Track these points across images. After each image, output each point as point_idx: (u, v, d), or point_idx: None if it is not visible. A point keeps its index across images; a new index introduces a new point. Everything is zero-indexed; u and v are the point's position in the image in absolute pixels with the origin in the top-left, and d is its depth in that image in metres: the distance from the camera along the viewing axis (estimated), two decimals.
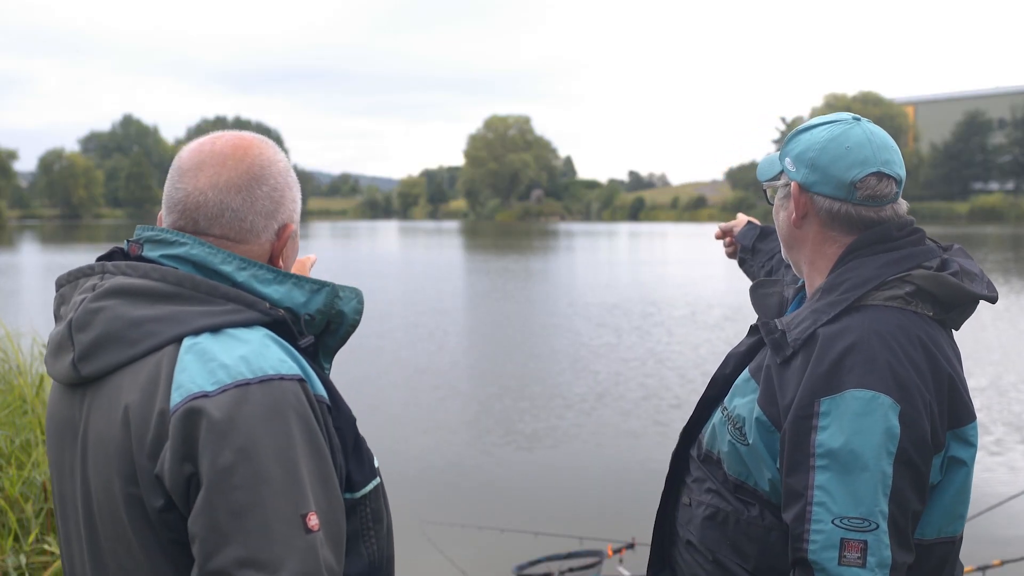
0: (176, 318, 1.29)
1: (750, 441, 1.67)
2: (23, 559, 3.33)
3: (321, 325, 1.42)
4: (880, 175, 1.68)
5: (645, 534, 4.90)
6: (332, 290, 1.41)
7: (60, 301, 1.42)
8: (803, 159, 1.73)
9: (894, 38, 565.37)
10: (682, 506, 1.86)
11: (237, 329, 1.30)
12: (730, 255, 2.57)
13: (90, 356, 1.31)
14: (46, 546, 3.45)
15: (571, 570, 4.61)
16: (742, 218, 2.60)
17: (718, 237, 2.61)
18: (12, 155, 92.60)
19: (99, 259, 1.42)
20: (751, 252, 2.47)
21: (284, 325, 1.35)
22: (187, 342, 1.27)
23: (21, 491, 3.61)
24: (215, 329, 1.29)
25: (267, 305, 1.34)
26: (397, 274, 28.32)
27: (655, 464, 8.04)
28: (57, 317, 1.42)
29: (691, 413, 1.90)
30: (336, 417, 1.35)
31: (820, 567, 1.50)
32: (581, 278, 27.11)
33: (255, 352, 1.27)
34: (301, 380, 1.29)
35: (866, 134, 1.71)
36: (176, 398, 1.22)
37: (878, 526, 1.49)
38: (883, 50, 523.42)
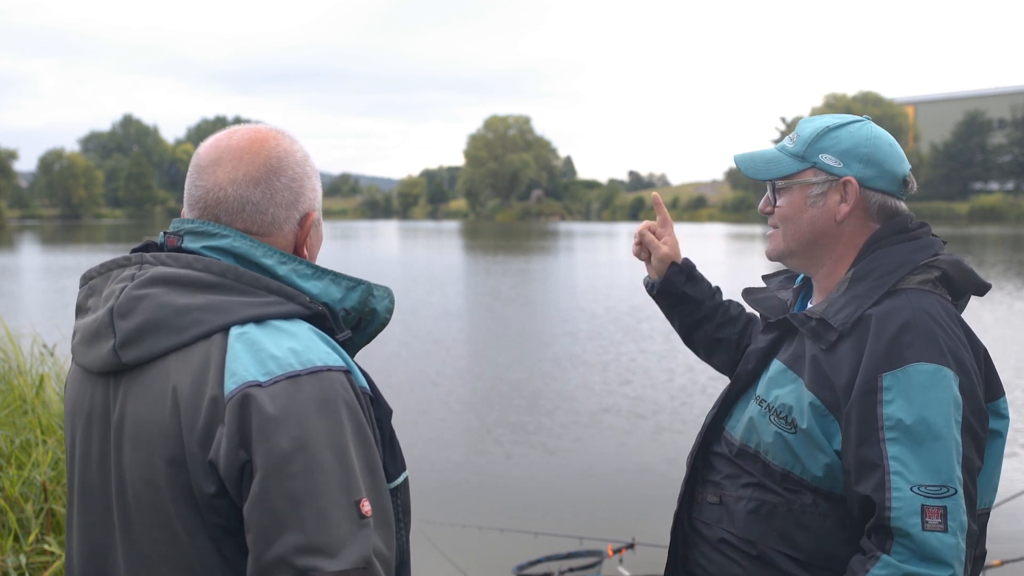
0: (222, 307, 1.30)
1: (804, 426, 1.67)
2: (23, 559, 3.33)
3: (353, 321, 1.44)
4: (910, 171, 1.80)
5: (645, 534, 4.92)
6: (367, 288, 1.44)
7: (88, 293, 1.43)
8: (855, 155, 1.75)
9: (894, 38, 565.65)
10: (708, 505, 1.84)
11: (280, 321, 1.32)
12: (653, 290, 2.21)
13: (133, 342, 1.31)
14: (46, 546, 3.45)
15: (571, 570, 4.61)
16: (662, 250, 2.15)
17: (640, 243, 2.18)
18: (12, 155, 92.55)
19: (134, 251, 1.43)
20: (679, 299, 2.16)
21: (323, 319, 1.37)
22: (235, 331, 1.29)
23: (21, 491, 3.61)
24: (259, 320, 1.31)
25: (307, 299, 1.37)
26: (397, 275, 28.30)
27: (655, 464, 8.04)
28: (82, 309, 1.42)
29: (713, 411, 1.90)
30: (376, 409, 1.38)
31: (903, 532, 1.52)
32: (581, 280, 27.10)
33: (303, 344, 1.29)
34: (347, 372, 1.32)
35: (885, 133, 1.79)
36: (231, 385, 1.24)
37: (956, 491, 1.53)
38: (883, 50, 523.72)
